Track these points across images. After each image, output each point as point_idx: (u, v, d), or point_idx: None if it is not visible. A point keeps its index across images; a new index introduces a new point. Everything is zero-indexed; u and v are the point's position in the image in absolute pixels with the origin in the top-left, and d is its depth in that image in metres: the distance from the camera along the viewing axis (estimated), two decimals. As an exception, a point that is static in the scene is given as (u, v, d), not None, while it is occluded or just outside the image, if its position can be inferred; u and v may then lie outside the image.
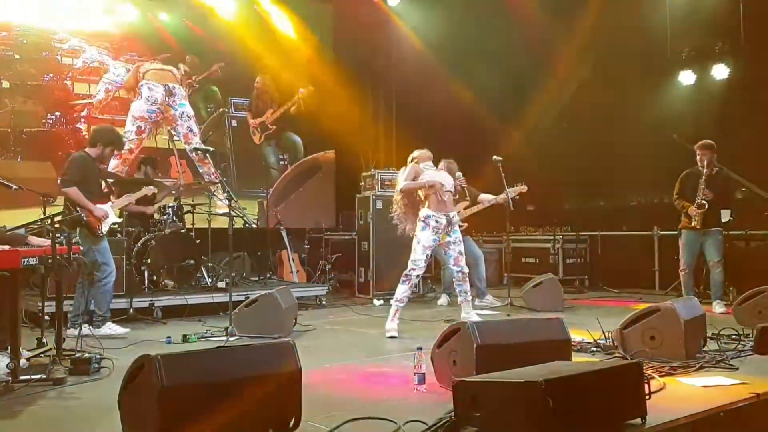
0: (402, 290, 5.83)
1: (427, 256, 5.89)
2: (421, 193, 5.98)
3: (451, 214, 5.96)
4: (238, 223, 7.87)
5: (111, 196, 6.09)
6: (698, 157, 7.09)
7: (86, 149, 5.91)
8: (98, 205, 5.77)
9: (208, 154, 8.66)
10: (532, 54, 9.85)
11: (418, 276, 5.94)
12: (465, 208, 7.75)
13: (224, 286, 7.23)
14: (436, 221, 5.85)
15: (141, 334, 5.85)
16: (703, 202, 6.95)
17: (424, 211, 5.90)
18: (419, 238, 5.84)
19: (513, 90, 10.32)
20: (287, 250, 9.35)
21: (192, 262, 7.46)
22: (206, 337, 5.65)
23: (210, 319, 6.58)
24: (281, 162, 10.78)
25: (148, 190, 6.66)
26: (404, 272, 5.86)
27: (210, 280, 7.72)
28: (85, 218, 5.63)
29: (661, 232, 9.11)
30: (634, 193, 10.48)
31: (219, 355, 2.89)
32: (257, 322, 5.66)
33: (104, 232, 5.86)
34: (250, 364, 2.89)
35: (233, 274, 7.25)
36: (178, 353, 2.88)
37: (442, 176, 5.99)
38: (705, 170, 6.97)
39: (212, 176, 9.00)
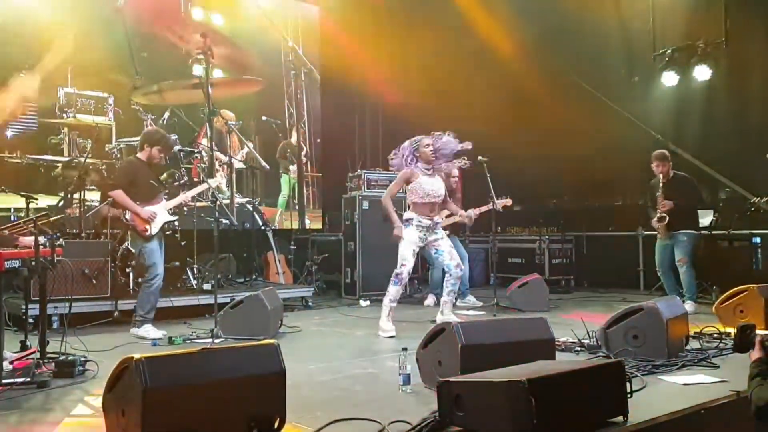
0: (395, 290, 5.86)
1: (414, 252, 5.91)
2: (408, 198, 6.02)
3: (435, 218, 6.01)
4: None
5: (164, 196, 6.11)
6: (656, 169, 7.23)
7: (137, 154, 6.05)
8: (146, 207, 5.82)
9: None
10: (518, 54, 9.91)
11: (408, 272, 5.94)
12: (447, 216, 7.78)
13: (210, 287, 7.21)
14: (419, 221, 5.89)
15: (126, 337, 5.82)
16: (663, 215, 7.10)
17: (407, 214, 5.95)
18: (405, 236, 5.88)
19: (500, 91, 10.37)
20: (273, 252, 9.33)
21: (177, 263, 7.43)
22: (191, 339, 5.64)
23: (195, 321, 6.56)
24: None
25: (204, 187, 6.59)
26: (395, 272, 5.87)
27: (195, 281, 7.70)
28: (131, 221, 5.75)
29: (646, 233, 9.17)
30: (619, 193, 10.58)
31: (203, 357, 2.89)
32: (243, 323, 5.65)
33: (154, 233, 5.87)
34: (234, 365, 2.90)
35: (219, 276, 7.23)
36: (161, 355, 2.88)
37: (434, 184, 5.98)
38: (661, 183, 7.12)
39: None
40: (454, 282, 6.05)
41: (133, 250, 5.88)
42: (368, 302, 8.19)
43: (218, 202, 6.06)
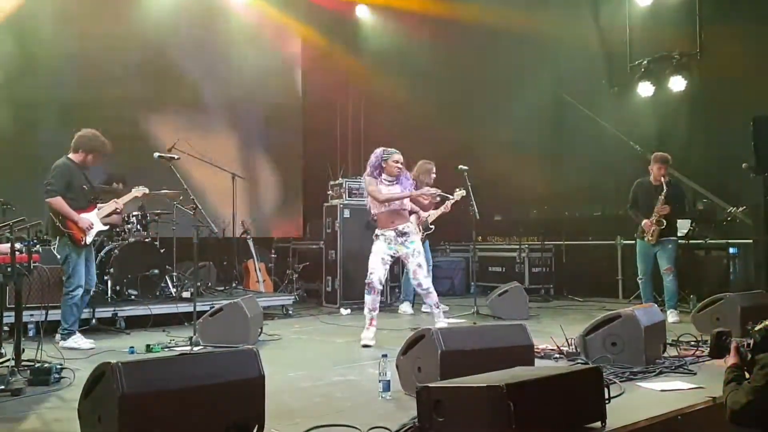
0: (370, 299, 5.81)
1: (383, 260, 5.87)
2: (372, 209, 6.03)
3: (400, 227, 5.95)
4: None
5: (96, 204, 5.94)
6: (656, 171, 7.08)
7: (69, 155, 5.77)
8: (83, 215, 5.67)
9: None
10: (496, 65, 9.99)
11: (379, 280, 5.84)
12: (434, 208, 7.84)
13: (189, 295, 7.16)
14: (383, 234, 5.91)
15: (104, 345, 5.76)
16: (662, 219, 6.98)
17: (377, 231, 5.99)
18: (373, 249, 5.94)
19: (478, 101, 10.46)
20: (254, 260, 9.28)
21: (156, 271, 7.36)
22: (170, 347, 5.59)
23: (174, 329, 6.51)
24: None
25: (138, 192, 6.34)
26: (366, 281, 5.86)
27: (175, 289, 7.63)
28: (68, 229, 5.55)
29: (624, 242, 9.25)
30: (598, 203, 10.67)
31: (180, 363, 2.88)
32: (222, 331, 5.61)
33: (88, 243, 5.73)
34: (212, 371, 2.88)
35: (198, 284, 7.19)
36: (138, 360, 2.86)
37: (392, 190, 5.96)
38: (665, 188, 6.97)
39: None
40: (424, 298, 6.22)
41: (58, 256, 5.60)
42: (349, 310, 8.17)
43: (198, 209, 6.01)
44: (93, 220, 5.76)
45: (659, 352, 4.69)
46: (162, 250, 7.57)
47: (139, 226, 7.52)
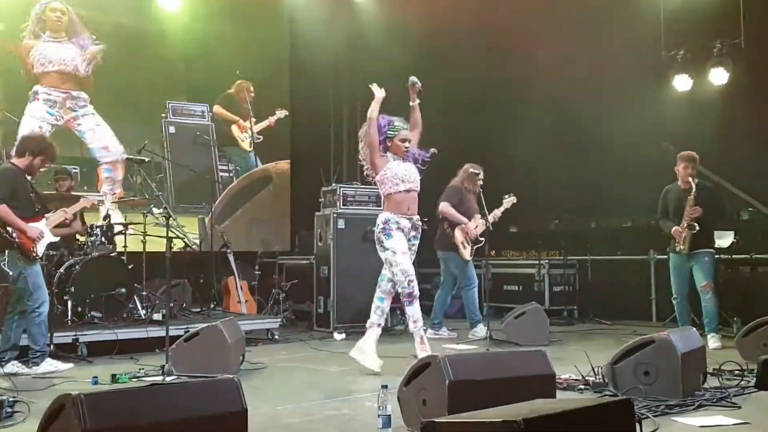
0: (416, 310, 5.71)
1: (411, 261, 5.81)
2: (380, 191, 5.93)
3: (414, 218, 5.89)
4: (178, 245, 7.85)
5: (45, 213, 6.02)
6: (681, 171, 7.11)
7: (13, 160, 5.89)
8: (31, 224, 5.73)
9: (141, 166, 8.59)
10: (516, 60, 10.02)
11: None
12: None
13: (161, 318, 7.17)
14: (397, 222, 5.75)
15: (63, 375, 5.76)
16: (693, 223, 6.94)
17: (382, 216, 5.79)
18: (392, 247, 5.70)
19: (496, 100, 10.49)
20: (235, 277, 9.29)
21: (123, 290, 7.38)
22: (139, 377, 5.60)
23: (144, 356, 6.52)
24: (228, 174, 10.75)
25: (86, 202, 6.52)
26: (405, 292, 5.68)
27: (144, 311, 7.65)
28: (16, 239, 5.60)
29: (658, 257, 9.26)
30: (628, 213, 10.69)
31: (152, 394, 2.88)
32: (198, 359, 5.61)
33: (39, 254, 5.82)
34: (188, 403, 2.89)
35: (171, 305, 7.20)
36: (104, 392, 2.86)
37: (408, 168, 5.87)
38: (693, 187, 6.97)
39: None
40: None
41: (10, 273, 5.65)
42: (343, 335, 8.16)
43: (171, 219, 6.03)
44: (43, 230, 5.84)
45: (698, 383, 4.69)
46: (130, 266, 7.58)
47: (103, 239, 7.54)
